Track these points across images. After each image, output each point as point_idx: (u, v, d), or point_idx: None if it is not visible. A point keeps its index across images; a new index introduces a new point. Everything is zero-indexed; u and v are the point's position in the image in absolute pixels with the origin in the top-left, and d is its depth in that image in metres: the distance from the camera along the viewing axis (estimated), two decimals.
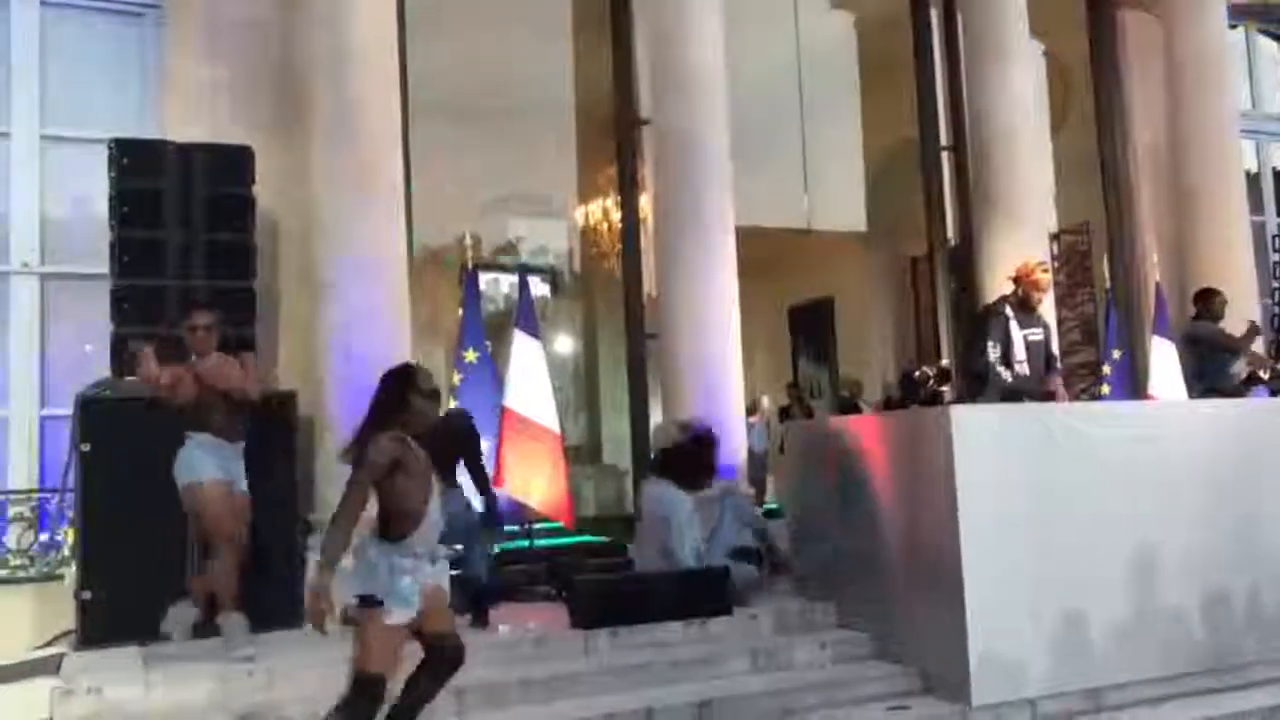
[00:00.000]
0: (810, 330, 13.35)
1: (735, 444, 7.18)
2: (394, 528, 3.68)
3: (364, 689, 3.67)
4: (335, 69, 6.60)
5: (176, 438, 5.24)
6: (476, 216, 9.22)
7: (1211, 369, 7.58)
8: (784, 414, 11.16)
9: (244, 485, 5.25)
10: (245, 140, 6.42)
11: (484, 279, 8.63)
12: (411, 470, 3.70)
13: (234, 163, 6.30)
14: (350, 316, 6.42)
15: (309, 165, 6.70)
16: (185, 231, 6.11)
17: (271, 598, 5.43)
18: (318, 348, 6.53)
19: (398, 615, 3.67)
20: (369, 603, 3.63)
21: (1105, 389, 9.01)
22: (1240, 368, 7.63)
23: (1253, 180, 10.64)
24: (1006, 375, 5.97)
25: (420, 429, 3.80)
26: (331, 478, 6.30)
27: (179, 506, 5.28)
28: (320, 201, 6.60)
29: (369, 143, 6.59)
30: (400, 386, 3.81)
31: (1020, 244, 8.34)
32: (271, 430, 5.67)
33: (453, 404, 6.80)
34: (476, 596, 5.65)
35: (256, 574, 5.23)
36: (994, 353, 5.98)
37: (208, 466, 5.15)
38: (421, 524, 3.71)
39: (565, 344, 10.18)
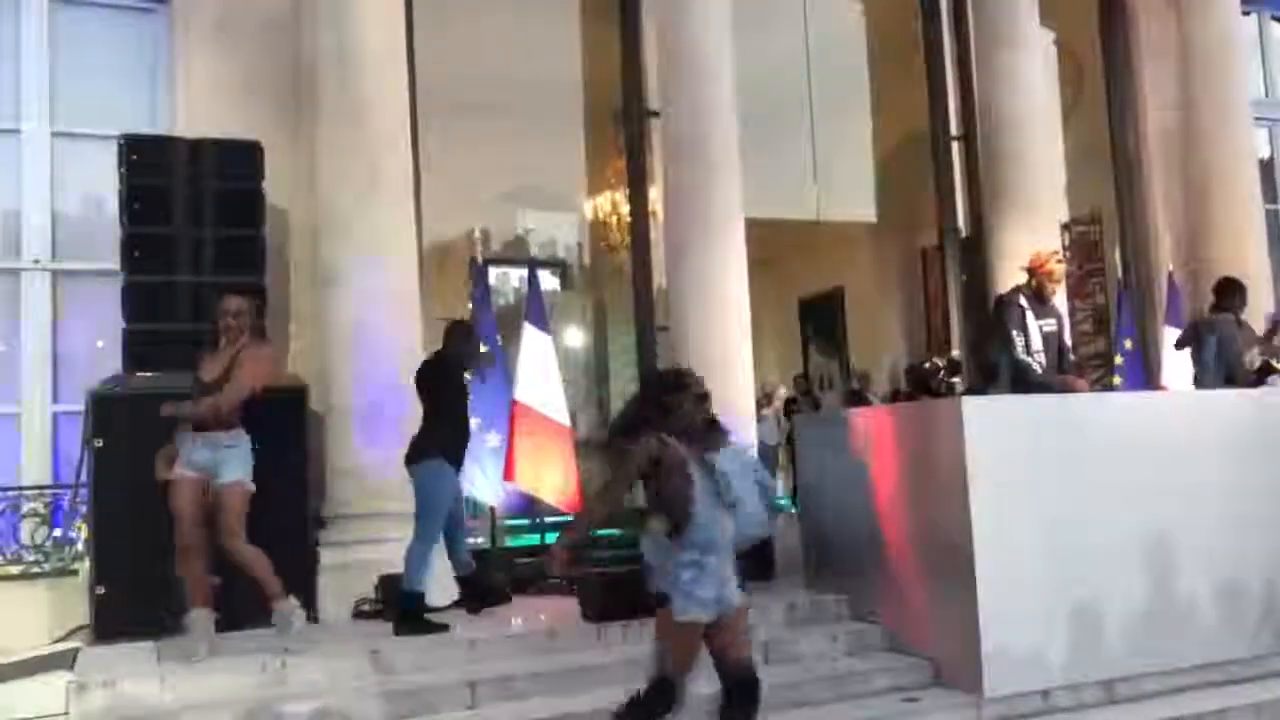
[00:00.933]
0: (820, 321, 13.29)
1: (746, 437, 7.16)
2: (673, 527, 3.73)
3: (656, 689, 3.73)
4: (343, 66, 6.59)
5: None
6: (485, 210, 9.20)
7: (1226, 360, 7.52)
8: (789, 406, 11.11)
9: (225, 479, 5.00)
10: (255, 137, 6.43)
11: (494, 273, 8.62)
12: (671, 469, 3.73)
13: (244, 158, 6.32)
14: (360, 312, 6.42)
15: (318, 161, 6.70)
16: (195, 227, 6.13)
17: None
18: (328, 343, 6.54)
19: (682, 612, 3.69)
20: (662, 600, 3.72)
21: (1117, 379, 8.97)
22: (1254, 358, 7.58)
23: (1265, 167, 10.56)
24: (1037, 367, 5.92)
25: (681, 429, 3.83)
26: (342, 473, 6.35)
27: None
28: (330, 197, 6.60)
29: (377, 139, 6.59)
30: (664, 392, 3.90)
31: (1031, 234, 8.30)
32: (283, 425, 5.68)
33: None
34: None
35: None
36: (1019, 342, 5.93)
37: (179, 461, 5.10)
38: (692, 522, 3.71)
39: (575, 337, 10.14)
